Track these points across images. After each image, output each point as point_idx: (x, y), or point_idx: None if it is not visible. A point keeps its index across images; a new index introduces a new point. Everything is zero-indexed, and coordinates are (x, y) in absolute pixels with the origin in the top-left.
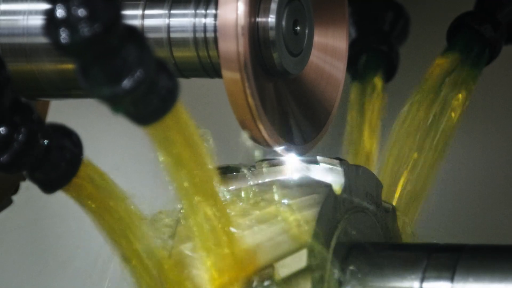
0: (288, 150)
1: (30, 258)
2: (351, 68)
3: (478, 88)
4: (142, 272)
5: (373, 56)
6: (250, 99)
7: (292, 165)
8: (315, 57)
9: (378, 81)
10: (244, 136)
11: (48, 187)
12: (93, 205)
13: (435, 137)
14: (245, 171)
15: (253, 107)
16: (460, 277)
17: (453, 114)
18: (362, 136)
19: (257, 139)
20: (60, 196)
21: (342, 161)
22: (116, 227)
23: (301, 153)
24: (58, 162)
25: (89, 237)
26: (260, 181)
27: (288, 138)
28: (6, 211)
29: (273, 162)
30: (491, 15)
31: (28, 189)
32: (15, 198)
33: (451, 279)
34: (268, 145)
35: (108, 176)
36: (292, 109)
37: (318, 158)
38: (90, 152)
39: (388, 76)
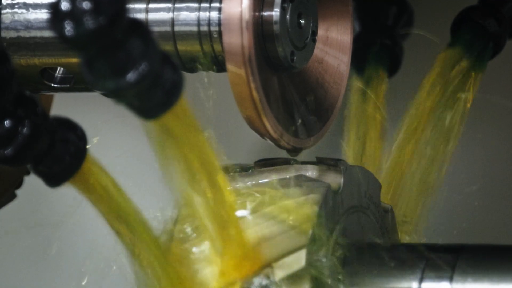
0: (292, 144)
1: (32, 252)
2: (355, 62)
3: (479, 84)
4: (145, 266)
5: (376, 50)
6: (254, 93)
7: (291, 165)
8: (320, 51)
9: (381, 76)
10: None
11: (52, 180)
12: (97, 198)
13: (440, 135)
14: (244, 171)
15: (257, 100)
16: (459, 277)
17: (458, 111)
18: (366, 131)
19: (262, 133)
20: (63, 191)
21: (340, 161)
22: (119, 222)
23: (305, 147)
24: (62, 156)
25: (91, 232)
26: (258, 181)
27: (293, 132)
28: (10, 205)
29: (272, 162)
30: (495, 10)
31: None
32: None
33: (450, 279)
34: (272, 139)
35: (109, 174)
36: (296, 102)
37: (317, 158)
38: (93, 146)
39: (392, 71)
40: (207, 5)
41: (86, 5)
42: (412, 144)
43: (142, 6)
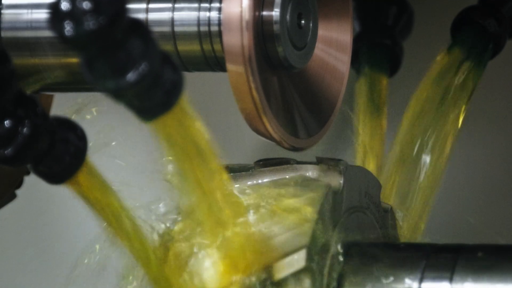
0: (292, 143)
1: (32, 252)
2: (355, 62)
3: (479, 84)
4: (143, 266)
5: (377, 50)
6: (254, 93)
7: (291, 165)
8: (320, 50)
9: (382, 76)
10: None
11: (52, 180)
12: (96, 200)
13: (439, 134)
14: (244, 171)
15: (257, 100)
16: (459, 277)
17: (457, 111)
18: (368, 131)
19: (262, 133)
20: (63, 192)
21: (341, 161)
22: (117, 222)
23: (305, 147)
24: (62, 156)
25: (89, 232)
26: (258, 181)
27: (293, 131)
28: (9, 205)
29: (272, 162)
30: (495, 10)
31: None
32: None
33: (450, 279)
34: (272, 139)
35: (104, 179)
36: (296, 102)
37: (317, 158)
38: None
39: (392, 71)
40: (207, 5)
41: (86, 5)
42: (411, 144)
43: (142, 6)
